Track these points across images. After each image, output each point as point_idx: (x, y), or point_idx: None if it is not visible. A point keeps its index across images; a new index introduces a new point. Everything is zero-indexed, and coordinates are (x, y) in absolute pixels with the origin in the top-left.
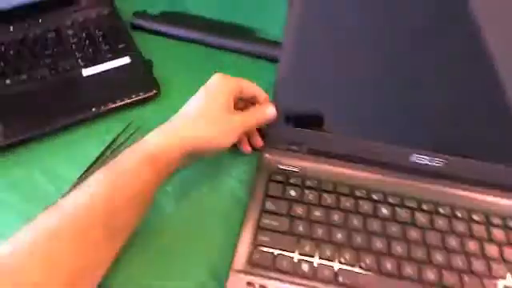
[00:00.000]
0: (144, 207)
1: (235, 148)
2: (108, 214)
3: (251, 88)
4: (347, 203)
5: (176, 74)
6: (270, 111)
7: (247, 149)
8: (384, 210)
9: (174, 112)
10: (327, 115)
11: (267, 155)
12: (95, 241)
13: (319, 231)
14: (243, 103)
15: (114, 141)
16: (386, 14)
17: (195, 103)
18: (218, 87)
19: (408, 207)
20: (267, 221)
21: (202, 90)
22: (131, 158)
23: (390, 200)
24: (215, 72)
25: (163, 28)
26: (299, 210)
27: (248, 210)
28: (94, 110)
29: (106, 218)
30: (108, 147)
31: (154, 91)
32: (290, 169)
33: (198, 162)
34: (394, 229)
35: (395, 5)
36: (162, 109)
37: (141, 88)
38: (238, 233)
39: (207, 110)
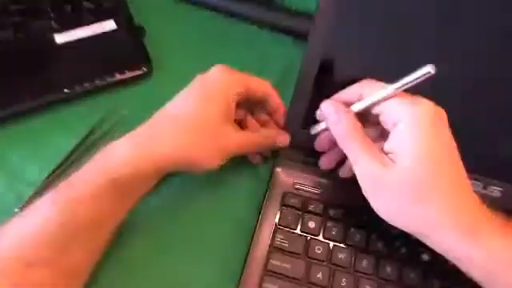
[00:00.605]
0: (104, 242)
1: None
2: (57, 250)
3: (261, 89)
4: (380, 244)
5: (174, 48)
6: (280, 141)
7: (256, 160)
8: (425, 256)
9: (168, 97)
10: None
11: (280, 169)
12: (39, 282)
13: (343, 281)
14: (246, 106)
15: (90, 133)
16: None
17: (184, 104)
18: (217, 86)
19: None
20: (276, 262)
21: (196, 85)
22: (90, 179)
23: None
24: (223, 49)
25: None
26: (319, 249)
27: (253, 245)
28: (66, 90)
29: (54, 255)
30: (83, 141)
31: (144, 69)
32: (309, 189)
33: None
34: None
35: None
36: (153, 92)
37: (128, 64)
38: (239, 277)
39: (199, 116)
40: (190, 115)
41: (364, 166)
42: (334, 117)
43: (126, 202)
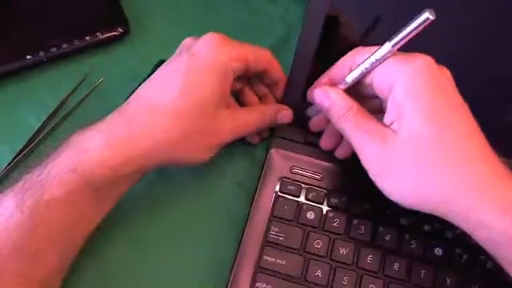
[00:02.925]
0: (80, 246)
1: None
2: (25, 258)
3: (261, 61)
4: (388, 236)
5: (154, 4)
6: (282, 117)
7: (254, 140)
8: (438, 250)
9: (150, 61)
10: None
11: (275, 151)
12: None
13: (345, 279)
14: (243, 77)
15: (61, 105)
16: None
17: (166, 88)
18: (208, 63)
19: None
20: (271, 259)
21: (180, 61)
22: (62, 180)
23: (449, 235)
24: None
25: None
26: (318, 243)
27: (244, 239)
28: (29, 57)
29: (21, 264)
30: (53, 114)
31: (120, 30)
32: (309, 174)
33: None
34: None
35: None
36: (131, 56)
37: (101, 24)
38: (228, 274)
39: (185, 104)
40: (174, 102)
41: (364, 145)
42: (324, 101)
43: (103, 203)
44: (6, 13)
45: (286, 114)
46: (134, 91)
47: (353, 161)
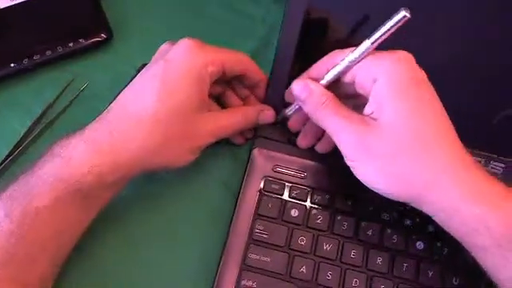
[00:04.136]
0: (70, 250)
1: None
2: (17, 264)
3: (239, 65)
4: (370, 231)
5: (136, 9)
6: (264, 118)
7: (238, 140)
8: (420, 244)
9: (133, 65)
10: None
11: (258, 151)
12: None
13: (329, 274)
14: (223, 81)
15: (46, 111)
16: None
17: (145, 95)
18: (184, 68)
19: None
20: (255, 256)
21: (156, 68)
22: (49, 188)
23: (430, 229)
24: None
25: None
26: (302, 240)
27: (229, 237)
28: (13, 65)
29: (13, 270)
30: (38, 120)
31: (103, 35)
32: (292, 172)
33: None
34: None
35: None
36: (115, 62)
37: (83, 30)
38: (215, 271)
39: (165, 109)
40: (152, 109)
41: (343, 131)
42: (302, 93)
43: (91, 209)
44: None
45: (268, 114)
46: (118, 95)
47: (335, 158)
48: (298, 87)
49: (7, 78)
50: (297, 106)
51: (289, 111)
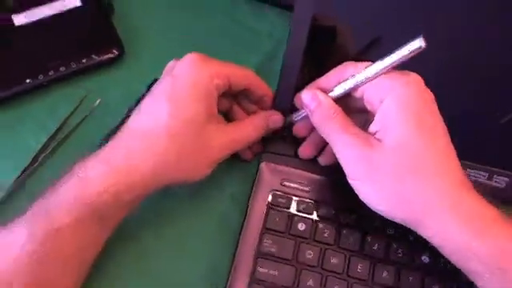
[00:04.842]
0: (89, 266)
1: None
2: (40, 284)
3: (244, 79)
4: (376, 246)
5: (147, 25)
6: (273, 122)
7: (247, 155)
8: (425, 258)
9: (145, 80)
10: None
11: (266, 165)
12: None
13: None
14: (229, 95)
15: (61, 126)
16: None
17: (154, 114)
18: (190, 83)
19: None
20: (263, 270)
21: (164, 85)
22: (69, 208)
23: None
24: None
25: None
26: (309, 253)
27: (238, 251)
28: (28, 81)
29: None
30: (53, 135)
31: (115, 52)
32: (299, 186)
33: None
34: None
35: None
36: (127, 77)
37: (96, 47)
38: (225, 284)
39: (175, 126)
40: (164, 125)
41: (347, 148)
42: (310, 103)
43: (108, 227)
44: (5, 39)
45: (276, 119)
46: (130, 110)
47: (341, 173)
48: (307, 96)
49: (23, 93)
50: (304, 114)
51: (296, 117)
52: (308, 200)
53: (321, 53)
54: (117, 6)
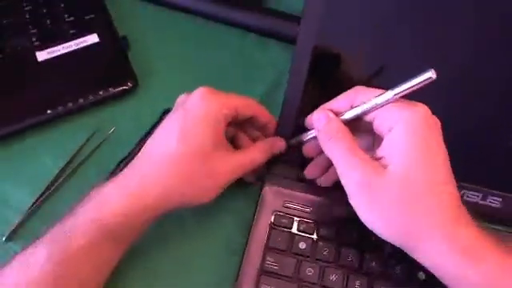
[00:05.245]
0: (102, 285)
1: None
2: None
3: (249, 109)
4: (374, 263)
5: (160, 59)
6: (277, 148)
7: (251, 179)
8: (422, 275)
9: (157, 111)
10: None
11: (269, 188)
12: None
13: None
14: (235, 124)
15: (77, 153)
16: None
17: (167, 141)
18: (200, 113)
19: None
20: (266, 287)
21: (176, 115)
22: (86, 230)
23: None
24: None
25: None
26: (310, 271)
27: (242, 269)
28: (49, 111)
29: None
30: (70, 161)
31: (130, 84)
32: (300, 207)
33: None
34: None
35: None
36: (140, 107)
37: (112, 80)
38: None
39: (186, 152)
40: (175, 152)
41: (352, 171)
42: (320, 122)
43: (121, 247)
44: (29, 71)
45: (280, 145)
46: (142, 139)
47: (340, 193)
48: (316, 116)
49: (44, 122)
50: (313, 134)
51: (305, 137)
52: (309, 220)
53: (322, 82)
54: (133, 41)
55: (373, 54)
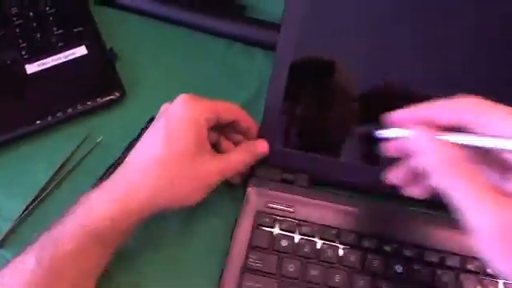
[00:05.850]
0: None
1: None
2: None
3: (231, 113)
4: (352, 258)
5: (146, 69)
6: (261, 149)
7: (236, 180)
8: (399, 268)
9: (143, 119)
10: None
11: (252, 189)
12: None
13: None
14: (218, 129)
15: (67, 160)
16: None
17: (152, 146)
18: (183, 118)
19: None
20: (249, 283)
21: (160, 122)
22: (74, 236)
23: (408, 253)
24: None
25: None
26: (292, 267)
27: (226, 267)
28: (38, 122)
29: None
30: (60, 169)
31: (117, 94)
32: (283, 207)
33: None
34: None
35: None
36: (127, 117)
37: (100, 90)
38: None
39: (170, 156)
40: (159, 156)
41: (478, 209)
42: (427, 144)
43: (108, 251)
44: (19, 84)
45: (264, 146)
46: (129, 146)
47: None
48: (416, 137)
49: (34, 132)
50: (391, 134)
51: (379, 134)
52: (291, 219)
53: (303, 87)
54: (120, 52)
55: (352, 60)
